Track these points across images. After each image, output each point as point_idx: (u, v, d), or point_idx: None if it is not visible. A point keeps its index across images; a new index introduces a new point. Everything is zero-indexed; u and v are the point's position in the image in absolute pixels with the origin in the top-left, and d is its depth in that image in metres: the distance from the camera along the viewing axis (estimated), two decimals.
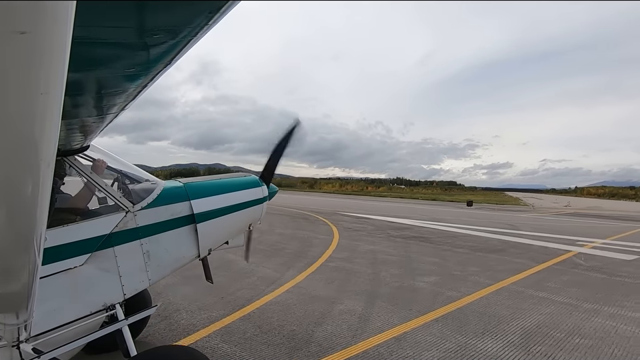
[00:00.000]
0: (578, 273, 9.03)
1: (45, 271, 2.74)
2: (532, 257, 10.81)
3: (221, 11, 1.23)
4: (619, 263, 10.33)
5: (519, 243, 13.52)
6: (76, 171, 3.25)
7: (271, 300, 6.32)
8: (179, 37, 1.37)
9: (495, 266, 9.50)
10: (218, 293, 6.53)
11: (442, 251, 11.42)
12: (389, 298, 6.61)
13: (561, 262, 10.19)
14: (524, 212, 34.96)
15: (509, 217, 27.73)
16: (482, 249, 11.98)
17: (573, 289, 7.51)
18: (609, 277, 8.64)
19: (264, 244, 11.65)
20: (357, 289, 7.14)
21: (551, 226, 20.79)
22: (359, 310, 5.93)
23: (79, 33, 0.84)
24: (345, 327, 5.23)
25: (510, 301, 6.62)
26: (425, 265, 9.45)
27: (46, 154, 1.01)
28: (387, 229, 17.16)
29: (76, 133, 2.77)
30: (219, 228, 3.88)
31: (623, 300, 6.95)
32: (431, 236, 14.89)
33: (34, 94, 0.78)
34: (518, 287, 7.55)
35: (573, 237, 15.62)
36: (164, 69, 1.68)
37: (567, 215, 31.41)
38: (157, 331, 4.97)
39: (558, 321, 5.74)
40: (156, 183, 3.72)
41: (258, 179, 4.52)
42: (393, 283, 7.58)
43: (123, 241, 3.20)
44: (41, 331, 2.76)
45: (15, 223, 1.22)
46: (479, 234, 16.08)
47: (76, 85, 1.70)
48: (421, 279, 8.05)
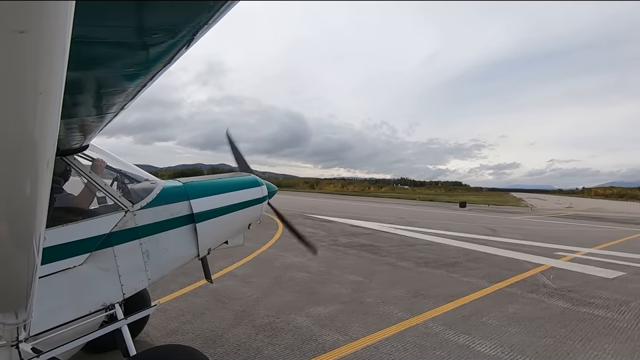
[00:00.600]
0: (534, 299, 6.84)
1: (44, 270, 2.73)
2: (488, 274, 8.69)
3: (220, 11, 1.23)
4: (596, 282, 8.22)
5: (484, 254, 11.39)
6: (75, 170, 3.25)
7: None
8: (178, 37, 1.37)
9: (430, 288, 7.43)
10: None
11: (378, 266, 9.45)
12: (233, 345, 4.62)
13: (521, 281, 8.12)
14: (518, 214, 32.28)
15: (498, 219, 25.41)
16: (431, 263, 9.92)
17: (512, 330, 5.34)
18: (573, 307, 6.40)
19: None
20: (204, 328, 5.13)
21: (536, 231, 18.68)
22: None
23: (78, 32, 0.84)
24: None
25: (406, 354, 4.52)
26: (337, 286, 7.39)
27: (45, 153, 1.01)
28: (341, 234, 15.03)
29: (75, 132, 2.76)
30: (218, 227, 3.88)
31: (580, 350, 4.74)
32: (383, 244, 12.79)
33: (33, 93, 0.78)
34: (437, 326, 5.43)
35: (555, 244, 13.42)
36: (163, 68, 1.68)
37: (563, 218, 29.18)
38: None
39: None
40: (155, 182, 3.72)
41: (257, 178, 4.52)
42: (260, 319, 5.50)
43: (122, 240, 3.20)
44: (40, 331, 2.76)
45: (14, 222, 1.22)
46: (444, 241, 13.96)
47: (75, 84, 1.69)
48: (310, 310, 5.96)
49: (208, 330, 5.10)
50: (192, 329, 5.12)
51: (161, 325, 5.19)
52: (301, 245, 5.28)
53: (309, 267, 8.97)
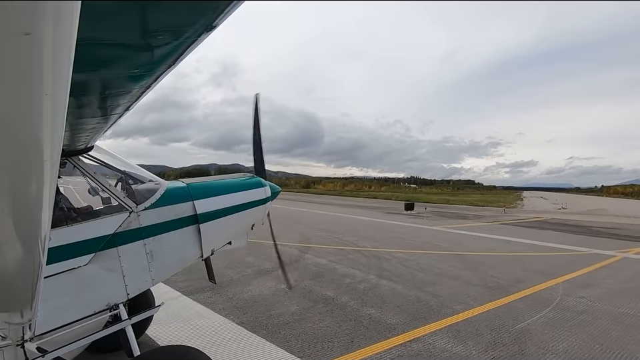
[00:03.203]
0: None
1: (49, 270, 2.75)
2: None
3: (224, 12, 1.23)
4: None
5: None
6: (80, 171, 3.27)
7: None
8: (182, 38, 1.38)
9: None
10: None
11: None
12: None
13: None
14: (465, 221, 23.03)
15: (395, 231, 16.79)
16: None
17: None
18: None
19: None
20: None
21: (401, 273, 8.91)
22: None
23: (83, 34, 0.85)
24: None
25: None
26: None
27: (50, 154, 1.01)
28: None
29: (80, 133, 2.78)
30: (222, 228, 3.89)
31: None
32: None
33: (39, 95, 0.78)
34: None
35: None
36: (168, 69, 1.69)
37: (524, 225, 21.29)
38: None
39: None
40: (159, 183, 3.73)
41: (261, 179, 4.52)
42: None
43: (126, 240, 3.21)
44: (45, 330, 2.78)
45: (19, 223, 1.23)
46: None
47: (80, 86, 1.71)
48: None
49: None
50: None
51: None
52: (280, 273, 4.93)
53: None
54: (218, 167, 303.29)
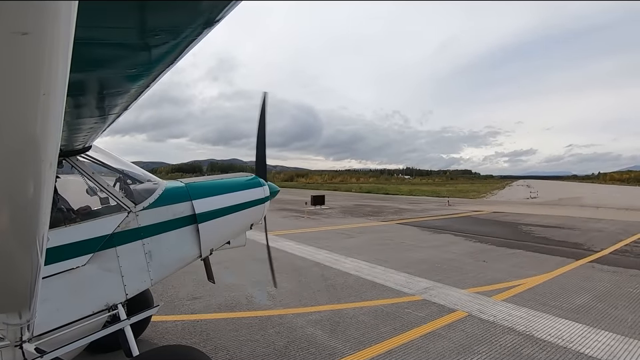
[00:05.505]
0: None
1: (48, 270, 2.74)
2: None
3: (222, 11, 1.22)
4: None
5: None
6: (78, 171, 3.26)
7: None
8: (180, 37, 1.37)
9: None
10: None
11: None
12: None
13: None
14: (373, 219, 19.08)
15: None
16: None
17: None
18: None
19: None
20: None
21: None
22: None
23: (80, 34, 0.84)
24: None
25: None
26: None
27: (48, 154, 1.01)
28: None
29: (78, 133, 2.77)
30: (220, 228, 3.88)
31: None
32: None
33: (36, 94, 0.78)
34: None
35: None
36: (166, 69, 1.68)
37: (433, 226, 16.15)
38: None
39: None
40: (158, 183, 3.72)
41: (259, 179, 4.52)
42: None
43: (125, 241, 3.20)
44: (44, 331, 2.77)
45: (17, 223, 1.22)
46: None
47: (78, 86, 1.70)
48: None
49: None
50: None
51: None
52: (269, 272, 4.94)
53: None
54: (210, 163, 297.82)
